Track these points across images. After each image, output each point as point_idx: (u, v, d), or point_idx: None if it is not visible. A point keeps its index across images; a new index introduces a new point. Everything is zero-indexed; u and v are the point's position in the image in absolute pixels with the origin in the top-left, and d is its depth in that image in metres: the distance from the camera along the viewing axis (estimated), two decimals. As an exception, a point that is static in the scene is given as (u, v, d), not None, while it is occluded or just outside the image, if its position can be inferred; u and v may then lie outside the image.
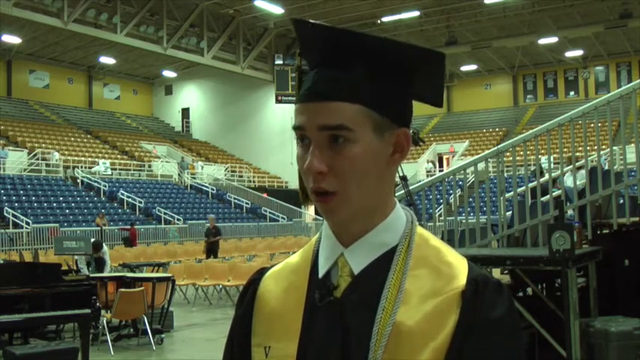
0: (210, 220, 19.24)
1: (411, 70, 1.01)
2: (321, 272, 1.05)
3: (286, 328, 1.04)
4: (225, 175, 36.15)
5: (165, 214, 27.01)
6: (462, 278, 0.99)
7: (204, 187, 32.72)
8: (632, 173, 6.83)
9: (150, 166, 33.94)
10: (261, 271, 1.15)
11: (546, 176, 8.41)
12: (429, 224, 16.30)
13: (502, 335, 0.96)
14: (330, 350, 0.99)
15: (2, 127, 31.47)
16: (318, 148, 0.97)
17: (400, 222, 1.05)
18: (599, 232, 6.78)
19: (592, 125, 8.29)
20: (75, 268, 11.83)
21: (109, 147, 35.39)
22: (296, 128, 1.00)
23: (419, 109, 1.08)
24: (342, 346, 0.98)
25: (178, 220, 26.61)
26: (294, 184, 35.74)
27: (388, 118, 1.00)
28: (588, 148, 7.09)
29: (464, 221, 11.18)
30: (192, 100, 43.05)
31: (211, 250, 18.00)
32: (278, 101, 35.86)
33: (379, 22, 33.12)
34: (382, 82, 0.99)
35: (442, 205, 18.75)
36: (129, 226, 21.96)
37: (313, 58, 1.02)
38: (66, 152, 31.14)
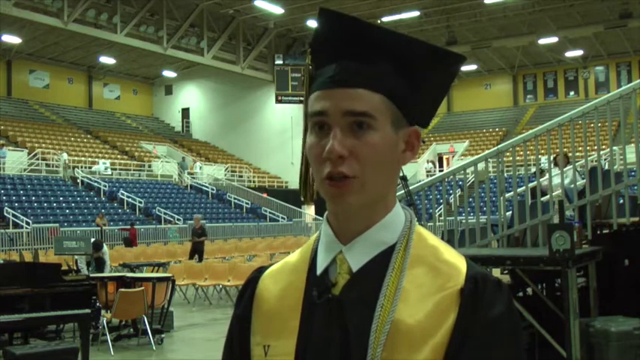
0: (195, 220, 18.36)
1: (430, 70, 1.02)
2: (320, 270, 1.05)
3: (285, 326, 1.04)
4: (225, 175, 36.16)
5: (165, 214, 27.01)
6: (460, 276, 0.99)
7: (204, 187, 32.72)
8: (632, 173, 6.82)
9: (150, 166, 33.95)
10: (260, 270, 1.15)
11: (546, 176, 8.41)
12: (429, 224, 16.30)
13: (501, 333, 0.96)
14: (329, 348, 0.99)
15: (2, 127, 31.48)
16: (341, 133, 0.97)
17: (399, 220, 1.05)
18: (599, 232, 6.78)
19: (592, 125, 8.28)
20: (75, 268, 11.83)
21: (109, 147, 35.40)
22: (317, 114, 0.99)
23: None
24: (340, 343, 0.98)
25: (178, 220, 26.61)
26: (294, 184, 35.74)
27: (405, 114, 1.02)
28: (588, 148, 7.09)
29: (464, 221, 11.18)
30: (192, 100, 43.05)
31: (197, 251, 17.33)
32: (278, 101, 35.87)
33: (379, 22, 33.11)
34: (403, 79, 1.01)
35: (442, 205, 18.75)
36: (129, 227, 21.95)
37: (334, 50, 1.01)
38: (66, 152, 31.14)
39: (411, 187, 6.61)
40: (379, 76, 0.99)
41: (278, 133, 38.17)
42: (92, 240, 13.39)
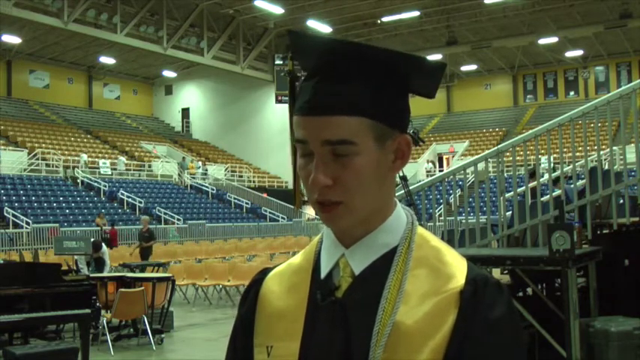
0: (143, 222, 17.42)
1: (410, 79, 1.01)
2: (323, 273, 1.05)
3: (288, 328, 1.04)
4: (225, 175, 36.15)
5: (165, 214, 27.01)
6: (461, 278, 1.00)
7: (204, 187, 32.72)
8: (632, 173, 6.82)
9: (150, 166, 33.94)
10: (264, 272, 1.16)
11: (546, 176, 8.41)
12: (429, 224, 16.29)
13: (502, 335, 0.96)
14: (331, 349, 1.00)
15: (2, 127, 31.48)
16: (323, 162, 0.97)
17: (401, 223, 1.05)
18: (599, 232, 6.78)
19: (592, 125, 8.28)
20: (75, 268, 11.83)
21: (109, 147, 35.40)
22: (299, 141, 1.00)
23: (419, 109, 1.08)
24: (343, 345, 0.99)
25: (178, 220, 26.61)
26: (294, 184, 35.75)
27: (388, 126, 1.00)
28: (588, 148, 7.09)
29: (464, 221, 11.17)
30: (192, 100, 43.05)
31: (143, 256, 16.24)
32: (278, 101, 35.84)
33: (379, 22, 33.11)
34: (382, 93, 0.99)
35: (442, 205, 18.75)
36: (109, 227, 21.68)
37: (311, 68, 1.01)
38: (66, 152, 31.14)
39: (411, 187, 6.60)
40: (355, 96, 0.97)
41: (278, 133, 38.16)
42: (92, 240, 13.39)
